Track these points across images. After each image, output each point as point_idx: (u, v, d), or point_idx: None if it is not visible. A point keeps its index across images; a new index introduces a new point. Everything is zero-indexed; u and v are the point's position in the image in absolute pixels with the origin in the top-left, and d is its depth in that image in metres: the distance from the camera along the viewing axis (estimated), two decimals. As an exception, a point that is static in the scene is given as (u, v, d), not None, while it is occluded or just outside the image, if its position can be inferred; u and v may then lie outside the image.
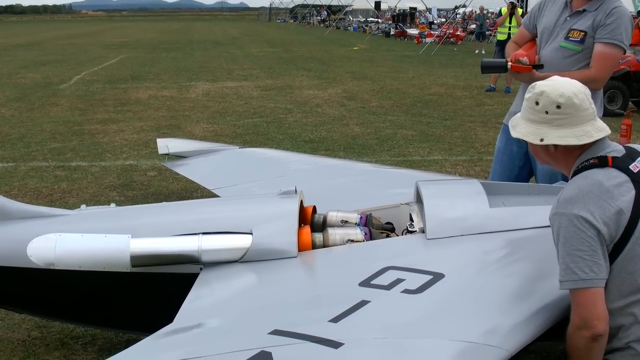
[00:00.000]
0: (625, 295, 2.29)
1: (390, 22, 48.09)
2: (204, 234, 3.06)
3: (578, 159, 2.40)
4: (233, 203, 3.71)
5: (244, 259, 3.02)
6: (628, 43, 3.93)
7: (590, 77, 3.70)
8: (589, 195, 2.26)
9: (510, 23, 15.31)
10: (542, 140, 2.40)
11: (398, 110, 12.28)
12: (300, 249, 3.04)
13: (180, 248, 3.04)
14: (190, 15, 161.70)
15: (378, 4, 63.35)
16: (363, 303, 2.44)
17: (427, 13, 52.00)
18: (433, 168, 7.76)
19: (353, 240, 3.11)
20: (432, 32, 35.22)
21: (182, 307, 2.70)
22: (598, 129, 2.37)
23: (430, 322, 2.38)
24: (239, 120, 11.19)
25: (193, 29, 59.05)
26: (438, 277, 2.60)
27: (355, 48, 31.00)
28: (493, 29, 26.91)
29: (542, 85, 2.41)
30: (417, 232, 3.13)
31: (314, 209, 3.39)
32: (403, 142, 9.37)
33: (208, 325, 2.55)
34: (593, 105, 2.40)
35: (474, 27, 35.67)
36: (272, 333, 2.30)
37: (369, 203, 3.61)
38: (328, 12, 63.75)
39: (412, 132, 10.09)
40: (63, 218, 3.43)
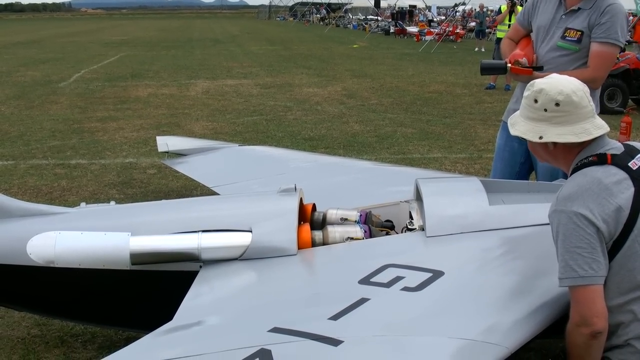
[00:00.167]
0: (625, 293, 2.29)
1: (390, 20, 48.03)
2: (204, 232, 3.07)
3: (577, 157, 2.40)
4: (232, 201, 3.71)
5: (244, 257, 3.02)
6: (624, 40, 3.93)
7: (588, 76, 3.69)
8: (588, 193, 2.26)
9: (510, 21, 15.25)
10: (541, 138, 2.40)
11: (398, 108, 12.27)
12: (300, 247, 3.04)
13: (180, 246, 3.05)
14: (190, 13, 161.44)
15: (378, 2, 63.36)
16: (363, 301, 2.44)
17: (426, 11, 51.96)
18: (433, 166, 7.76)
19: (353, 238, 3.11)
20: (431, 29, 35.17)
21: (181, 304, 2.70)
22: (597, 127, 2.37)
23: (430, 319, 2.38)
24: (239, 118, 11.19)
25: (193, 27, 59.01)
26: (438, 274, 2.60)
27: (355, 46, 30.98)
28: (493, 27, 26.86)
29: (540, 83, 2.41)
30: (416, 229, 3.13)
31: (314, 207, 3.39)
32: (403, 139, 9.37)
33: (208, 323, 2.55)
34: (592, 103, 2.40)
35: (474, 24, 35.65)
36: (271, 331, 2.30)
37: (369, 201, 3.61)
38: (327, 9, 63.68)
39: (411, 129, 10.09)
40: (63, 216, 3.43)
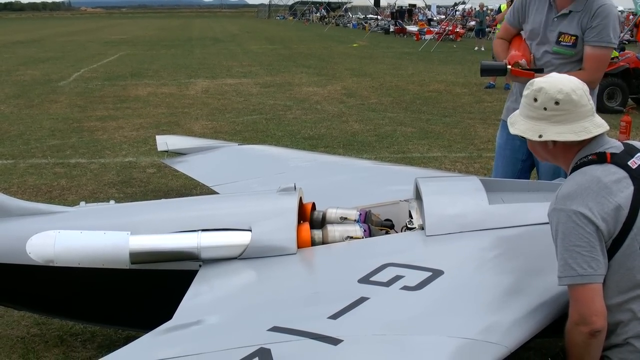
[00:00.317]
0: (624, 291, 2.29)
1: (390, 19, 48.01)
2: (203, 231, 3.07)
3: (577, 155, 2.40)
4: (232, 200, 3.71)
5: (243, 256, 3.02)
6: (617, 40, 3.93)
7: (585, 79, 3.65)
8: (588, 191, 2.26)
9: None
10: (540, 137, 2.40)
11: (397, 107, 12.27)
12: (300, 246, 3.04)
13: (179, 245, 3.04)
14: (190, 12, 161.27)
15: (377, 1, 63.39)
16: (362, 300, 2.44)
17: (425, 10, 51.95)
18: (432, 165, 7.76)
19: (352, 237, 3.11)
20: (431, 29, 35.16)
21: (181, 304, 2.70)
22: (597, 125, 2.37)
23: (430, 318, 2.38)
24: (238, 117, 11.18)
25: (192, 26, 58.97)
26: (437, 273, 2.60)
27: (355, 45, 30.97)
28: (493, 26, 26.87)
29: (540, 82, 2.41)
30: (416, 228, 3.13)
31: (313, 206, 3.39)
32: (402, 139, 9.36)
33: (207, 322, 2.55)
34: (591, 102, 2.40)
35: (474, 24, 35.64)
36: (271, 330, 2.30)
37: (368, 200, 3.61)
38: (327, 8, 63.67)
39: (411, 129, 10.09)
40: (62, 215, 3.43)
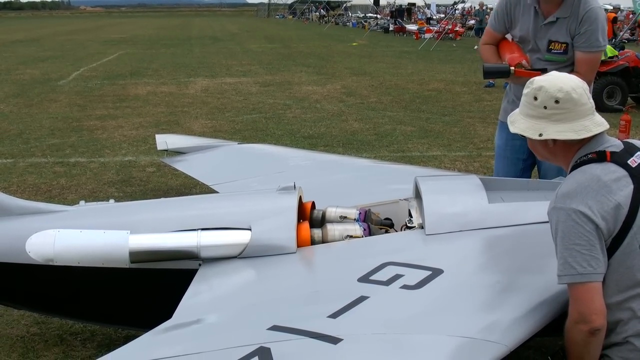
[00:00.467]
0: (624, 290, 2.29)
1: (389, 17, 48.00)
2: (203, 230, 3.07)
3: (577, 154, 2.40)
4: (232, 199, 3.71)
5: (243, 255, 3.02)
6: (605, 42, 3.91)
7: None
8: (587, 190, 2.26)
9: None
10: (540, 135, 2.40)
11: (397, 106, 12.27)
12: (299, 245, 3.04)
13: (179, 244, 3.04)
14: (189, 11, 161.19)
15: (377, 0, 63.33)
16: (362, 299, 2.44)
17: (425, 9, 51.93)
18: (432, 164, 7.76)
19: (352, 236, 3.11)
20: (431, 27, 35.15)
21: (181, 303, 2.70)
22: (597, 124, 2.36)
23: (429, 317, 2.38)
24: (238, 116, 11.18)
25: (192, 25, 58.97)
26: (437, 272, 2.60)
27: (354, 44, 30.97)
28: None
29: (540, 81, 2.41)
30: (416, 227, 3.13)
31: (313, 205, 3.39)
32: (402, 137, 9.36)
33: (207, 321, 2.56)
34: (591, 100, 2.40)
35: (473, 22, 35.65)
36: (271, 329, 2.30)
37: (368, 199, 3.61)
38: (327, 7, 63.64)
39: (411, 127, 10.09)
40: (62, 214, 3.43)
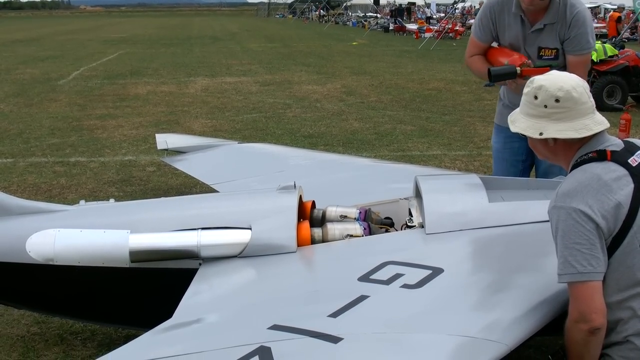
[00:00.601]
0: (624, 289, 2.29)
1: (389, 17, 47.98)
2: (203, 229, 3.07)
3: (577, 153, 2.40)
4: (232, 198, 3.71)
5: (243, 254, 3.02)
6: (594, 42, 3.92)
7: None
8: (588, 189, 2.26)
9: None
10: (541, 134, 2.40)
11: (397, 105, 12.26)
12: (300, 244, 3.04)
13: (179, 243, 3.04)
14: (189, 11, 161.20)
15: (377, -1, 63.32)
16: (362, 298, 2.44)
17: (425, 8, 51.91)
18: (432, 163, 7.76)
19: (352, 235, 3.11)
20: (431, 27, 35.13)
21: (181, 302, 2.70)
22: (597, 122, 2.36)
23: (430, 316, 2.38)
24: (238, 116, 11.18)
25: (192, 25, 58.94)
26: (437, 271, 2.60)
27: (354, 43, 30.96)
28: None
29: (540, 80, 2.41)
30: (416, 227, 3.13)
31: (313, 204, 3.39)
32: (402, 137, 9.36)
33: (207, 321, 2.56)
34: (592, 99, 2.39)
35: (473, 22, 35.55)
36: (271, 328, 2.30)
37: (368, 198, 3.61)
38: (327, 7, 63.62)
39: (411, 127, 10.08)
40: (62, 214, 3.43)
